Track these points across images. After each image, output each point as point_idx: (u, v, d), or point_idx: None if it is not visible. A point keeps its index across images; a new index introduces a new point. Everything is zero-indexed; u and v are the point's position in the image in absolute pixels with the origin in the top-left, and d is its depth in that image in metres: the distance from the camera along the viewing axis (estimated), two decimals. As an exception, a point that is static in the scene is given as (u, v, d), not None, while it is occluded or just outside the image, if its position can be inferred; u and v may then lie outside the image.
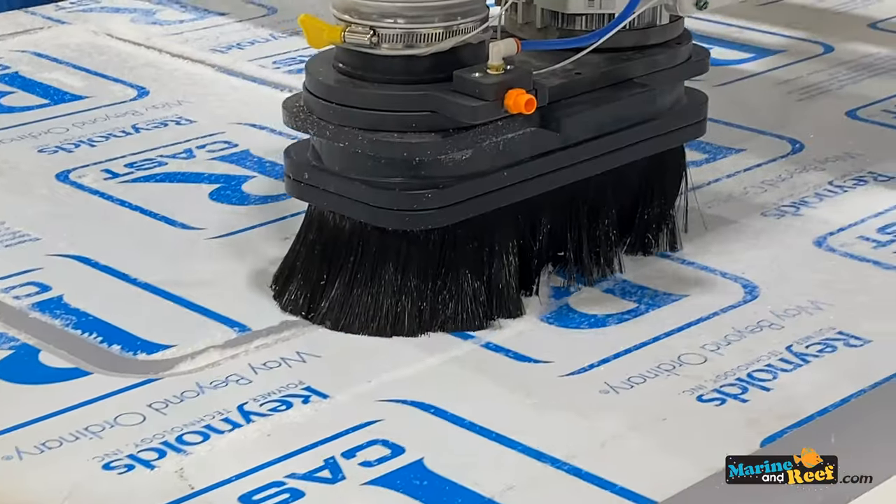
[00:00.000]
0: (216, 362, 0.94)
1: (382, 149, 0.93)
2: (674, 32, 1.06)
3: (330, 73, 0.96)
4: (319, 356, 0.95)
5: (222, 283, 1.05)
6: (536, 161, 0.98)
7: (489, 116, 0.93)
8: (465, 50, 0.95)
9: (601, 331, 0.98)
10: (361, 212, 0.95)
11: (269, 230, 1.12)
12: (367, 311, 0.96)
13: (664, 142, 1.05)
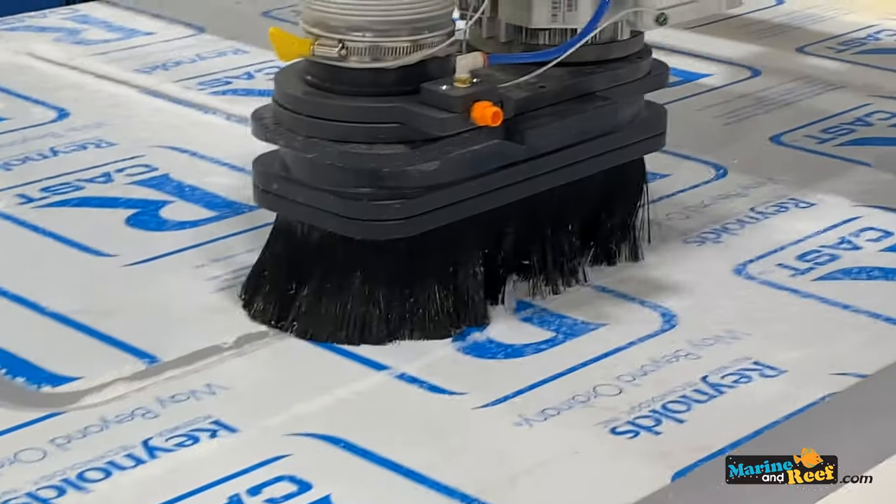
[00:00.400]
0: (123, 395, 0.92)
1: (351, 160, 0.95)
2: (635, 47, 1.08)
3: (299, 85, 0.98)
4: (229, 388, 0.93)
5: (134, 312, 1.03)
6: (502, 172, 1.00)
7: (456, 128, 0.95)
8: (432, 63, 0.97)
9: (517, 361, 0.97)
10: (330, 222, 0.97)
11: (184, 257, 1.11)
12: (334, 320, 0.98)
13: (625, 154, 1.08)
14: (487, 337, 1.00)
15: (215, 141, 1.32)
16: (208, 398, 0.92)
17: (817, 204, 1.21)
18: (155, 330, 1.00)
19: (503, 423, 0.90)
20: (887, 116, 1.41)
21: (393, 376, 0.95)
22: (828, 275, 1.09)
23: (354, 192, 0.96)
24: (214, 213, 1.19)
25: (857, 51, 1.61)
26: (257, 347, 0.99)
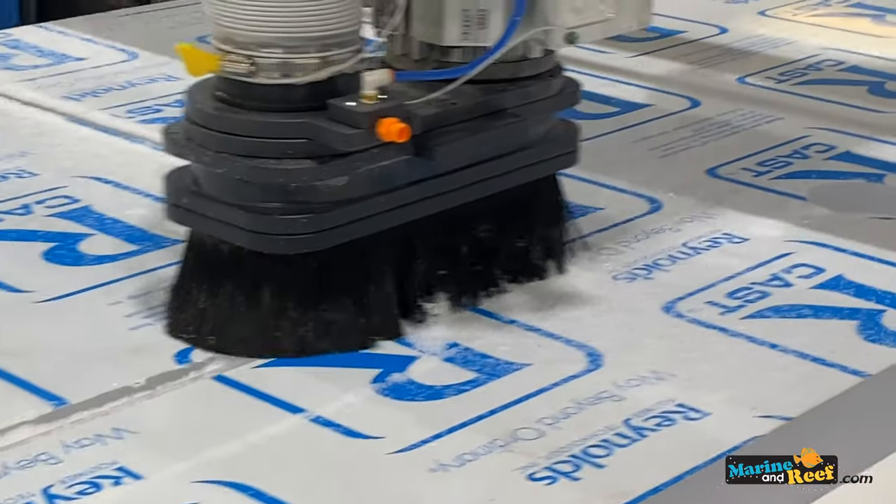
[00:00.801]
0: (26, 439, 0.89)
1: (259, 175, 0.96)
2: (546, 65, 1.09)
3: (209, 100, 0.98)
4: (138, 432, 0.91)
5: (44, 351, 1.00)
6: (412, 188, 1.01)
7: (363, 144, 0.96)
8: (340, 79, 0.97)
9: (437, 403, 0.95)
10: (239, 236, 0.98)
11: (99, 294, 1.08)
12: (246, 334, 0.99)
13: (537, 170, 1.09)
14: (408, 378, 0.98)
15: (140, 171, 1.29)
16: (115, 442, 0.89)
17: (750, 239, 1.20)
18: (65, 370, 0.97)
19: (418, 468, 0.87)
20: (824, 149, 1.40)
21: (308, 419, 0.93)
22: (757, 313, 1.07)
23: (263, 207, 0.97)
24: (135, 246, 1.16)
25: (798, 81, 1.59)
26: (170, 389, 0.96)
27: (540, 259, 1.11)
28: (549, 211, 1.12)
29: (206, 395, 0.96)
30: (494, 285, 1.08)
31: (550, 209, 1.12)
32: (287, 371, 0.99)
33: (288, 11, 0.95)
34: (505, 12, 1.02)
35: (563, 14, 1.03)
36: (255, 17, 0.95)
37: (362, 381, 0.98)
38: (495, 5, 1.03)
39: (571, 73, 1.12)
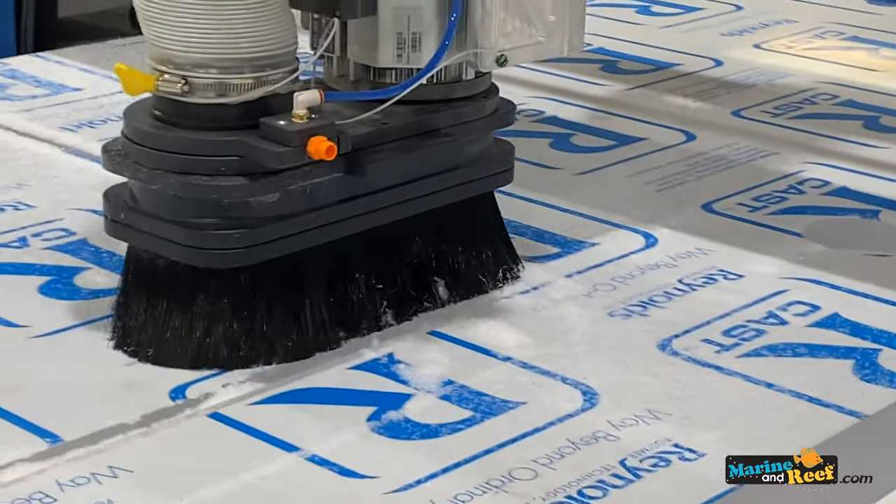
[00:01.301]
0: (22, 478, 0.89)
1: (193, 191, 0.99)
2: (480, 87, 1.13)
3: (146, 119, 1.02)
4: (132, 471, 0.90)
5: (39, 387, 1.00)
6: (343, 205, 1.04)
7: (292, 162, 0.99)
8: (274, 99, 1.00)
9: (433, 442, 0.95)
10: (174, 251, 1.01)
11: (95, 328, 1.07)
12: (181, 346, 1.01)
13: (471, 188, 1.12)
14: (404, 416, 0.98)
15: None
16: (109, 481, 0.89)
17: (746, 276, 1.20)
18: (59, 407, 0.97)
19: (413, 509, 0.87)
20: (820, 184, 1.40)
21: (303, 458, 0.92)
22: (753, 351, 1.07)
23: (197, 223, 1.00)
24: (131, 280, 1.16)
25: (794, 115, 1.60)
26: (165, 426, 0.96)
27: (476, 274, 1.14)
28: (484, 228, 1.15)
29: (200, 432, 0.96)
30: (432, 299, 1.11)
31: (485, 226, 1.15)
32: (282, 408, 0.99)
33: (222, 33, 0.98)
34: (437, 35, 1.06)
35: (493, 37, 1.07)
36: (190, 38, 0.98)
37: (357, 418, 0.98)
38: (428, 28, 1.06)
39: (570, 105, 1.13)
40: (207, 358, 1.01)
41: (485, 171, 1.13)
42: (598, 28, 1.88)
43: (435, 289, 1.11)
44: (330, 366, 1.04)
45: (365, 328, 1.07)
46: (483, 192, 1.14)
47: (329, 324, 1.04)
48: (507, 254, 1.17)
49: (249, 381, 1.01)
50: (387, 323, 1.07)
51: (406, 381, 1.02)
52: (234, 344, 1.01)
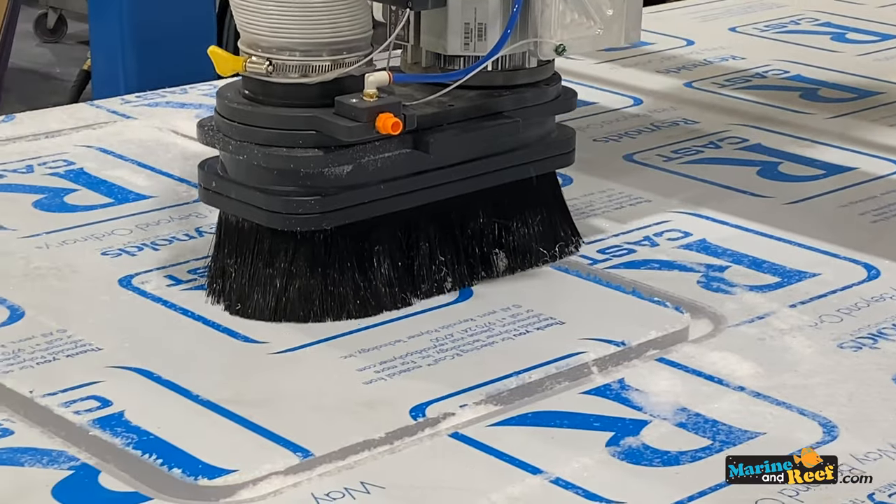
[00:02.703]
0: (278, 490, 0.92)
1: (274, 161, 1.10)
2: (543, 75, 1.22)
3: (236, 97, 1.14)
4: (384, 487, 0.93)
5: (284, 402, 1.03)
6: (410, 179, 1.15)
7: (362, 135, 1.09)
8: (348, 80, 1.11)
9: (673, 469, 0.95)
10: (257, 215, 1.12)
11: (330, 347, 1.10)
12: (264, 300, 1.12)
13: (531, 169, 1.22)
14: (642, 442, 0.99)
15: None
16: (363, 497, 0.91)
17: (975, 310, 1.18)
18: (304, 421, 1.00)
19: (664, 535, 0.88)
20: None
21: (548, 480, 0.94)
22: None
23: (278, 190, 1.11)
24: (359, 300, 1.18)
25: None
26: (408, 444, 0.98)
27: (534, 247, 1.22)
28: (544, 206, 1.23)
29: (443, 451, 0.97)
30: (490, 269, 1.20)
31: (545, 204, 1.24)
32: (520, 430, 1.00)
33: (304, 20, 1.09)
34: (501, 26, 1.16)
35: (552, 28, 1.16)
36: (275, 24, 1.09)
37: (596, 443, 0.98)
38: (492, 19, 1.16)
39: (774, 133, 1.12)
40: (286, 312, 1.12)
41: (545, 153, 1.22)
42: (794, 55, 1.88)
43: (493, 260, 1.20)
44: (561, 390, 1.06)
45: (426, 292, 1.16)
46: (543, 172, 1.23)
47: (394, 286, 1.14)
48: (566, 230, 1.26)
49: (485, 402, 1.03)
50: (447, 288, 1.17)
51: (640, 408, 1.03)
52: (308, 299, 1.11)
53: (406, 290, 1.15)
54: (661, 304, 1.19)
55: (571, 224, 1.26)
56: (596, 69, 1.81)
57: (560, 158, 1.24)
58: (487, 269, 1.20)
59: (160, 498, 0.90)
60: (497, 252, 1.20)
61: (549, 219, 1.24)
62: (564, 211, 1.26)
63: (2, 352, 1.07)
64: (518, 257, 1.22)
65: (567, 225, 1.26)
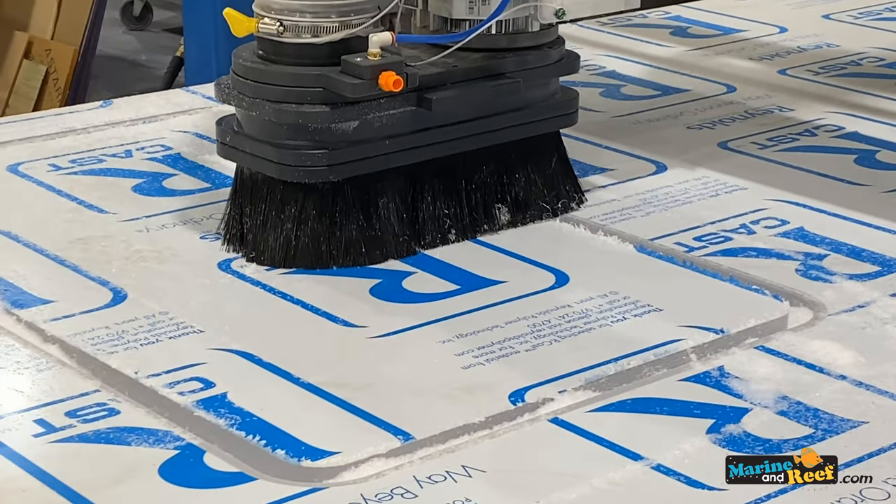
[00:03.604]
0: (380, 472, 0.93)
1: (284, 117, 1.17)
2: (546, 38, 1.29)
3: (251, 57, 1.20)
4: (485, 471, 0.93)
5: (384, 386, 1.03)
6: (414, 135, 1.21)
7: (365, 92, 1.16)
8: (354, 41, 1.18)
9: (777, 457, 0.95)
10: (269, 168, 1.19)
11: (429, 331, 1.11)
12: (274, 246, 1.19)
13: (533, 128, 1.28)
14: (743, 429, 0.98)
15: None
16: (465, 480, 0.92)
17: None
18: (405, 405, 1.01)
19: (768, 524, 0.88)
20: None
21: (649, 467, 0.94)
22: None
23: (288, 144, 1.18)
24: (454, 286, 1.19)
25: None
26: (508, 429, 0.98)
27: (536, 203, 1.29)
28: (547, 163, 1.29)
29: (544, 436, 0.98)
30: (492, 223, 1.27)
31: (549, 162, 1.30)
32: (619, 416, 1.00)
33: None
34: None
35: None
36: None
37: (696, 430, 0.98)
38: None
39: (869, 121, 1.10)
40: (296, 257, 1.19)
41: (548, 114, 1.29)
42: (890, 43, 1.85)
43: (496, 213, 1.27)
44: (660, 377, 1.06)
45: (430, 242, 1.23)
46: (545, 132, 1.29)
47: (399, 235, 1.21)
48: (569, 187, 1.31)
49: (584, 388, 1.03)
50: (451, 240, 1.24)
51: (740, 395, 1.03)
52: (317, 245, 1.18)
53: (411, 239, 1.22)
54: (760, 291, 1.18)
55: (575, 182, 1.33)
56: (688, 56, 1.80)
57: (562, 119, 1.30)
58: (490, 223, 1.27)
59: (265, 478, 0.91)
60: (499, 206, 1.27)
61: (552, 176, 1.30)
62: (568, 169, 1.32)
63: (106, 333, 1.09)
64: (520, 212, 1.28)
65: (570, 182, 1.32)
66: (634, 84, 1.69)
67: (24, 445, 0.94)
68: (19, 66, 3.44)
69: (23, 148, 1.47)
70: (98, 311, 1.13)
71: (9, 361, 1.05)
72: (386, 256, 1.20)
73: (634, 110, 1.60)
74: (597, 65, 1.75)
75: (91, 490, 0.90)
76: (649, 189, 1.38)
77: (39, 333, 1.09)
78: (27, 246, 1.24)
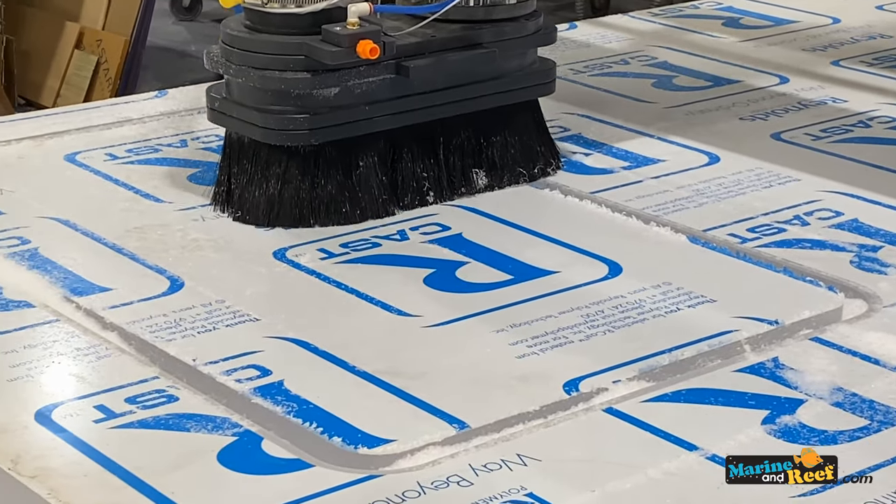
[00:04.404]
0: (436, 460, 0.93)
1: (268, 83, 1.25)
2: (523, 10, 1.34)
3: (238, 28, 1.27)
4: (541, 460, 0.93)
5: (439, 374, 1.04)
6: (393, 102, 1.28)
7: (343, 59, 1.22)
8: (336, 11, 1.24)
9: (830, 449, 0.95)
10: (254, 131, 1.26)
11: (482, 321, 1.11)
12: (258, 206, 1.26)
13: (511, 96, 1.34)
14: (799, 420, 0.98)
15: (501, 202, 1.34)
16: (520, 469, 0.92)
17: None
18: (460, 394, 1.01)
19: (825, 514, 0.88)
20: None
21: (704, 457, 0.94)
22: None
23: (272, 109, 1.25)
24: (508, 276, 1.19)
25: None
26: (562, 418, 0.99)
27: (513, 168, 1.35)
28: (524, 131, 1.35)
29: (598, 426, 0.98)
30: (470, 186, 1.33)
31: (526, 129, 1.36)
32: (674, 407, 1.00)
33: None
34: None
35: None
36: None
37: (751, 420, 0.98)
38: None
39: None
40: (279, 216, 1.25)
41: (525, 83, 1.34)
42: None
43: (474, 177, 1.33)
44: (714, 368, 1.06)
45: (408, 203, 1.29)
46: (521, 100, 1.34)
47: (379, 197, 1.27)
48: (546, 154, 1.37)
49: (638, 378, 1.04)
50: (429, 202, 1.30)
51: (795, 387, 1.02)
52: (299, 205, 1.25)
53: (390, 200, 1.29)
54: (814, 283, 1.18)
55: (552, 148, 1.39)
56: (740, 47, 1.79)
57: (539, 88, 1.36)
58: (468, 186, 1.33)
59: (322, 465, 0.92)
60: (477, 171, 1.33)
61: (529, 143, 1.36)
62: (545, 136, 1.38)
63: (164, 321, 1.10)
64: (497, 176, 1.34)
65: (547, 149, 1.38)
66: (686, 75, 1.69)
67: (85, 431, 0.96)
68: (70, 56, 3.47)
69: (80, 137, 1.48)
70: (156, 299, 1.14)
71: (69, 348, 1.06)
72: (365, 216, 1.27)
73: (687, 101, 1.60)
74: (649, 56, 1.75)
75: (151, 475, 0.91)
76: (702, 180, 1.38)
77: (98, 321, 1.10)
78: (85, 234, 1.26)
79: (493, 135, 1.34)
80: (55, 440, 0.94)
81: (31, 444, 0.94)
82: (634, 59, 1.75)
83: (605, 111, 1.56)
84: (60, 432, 0.95)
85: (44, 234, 1.26)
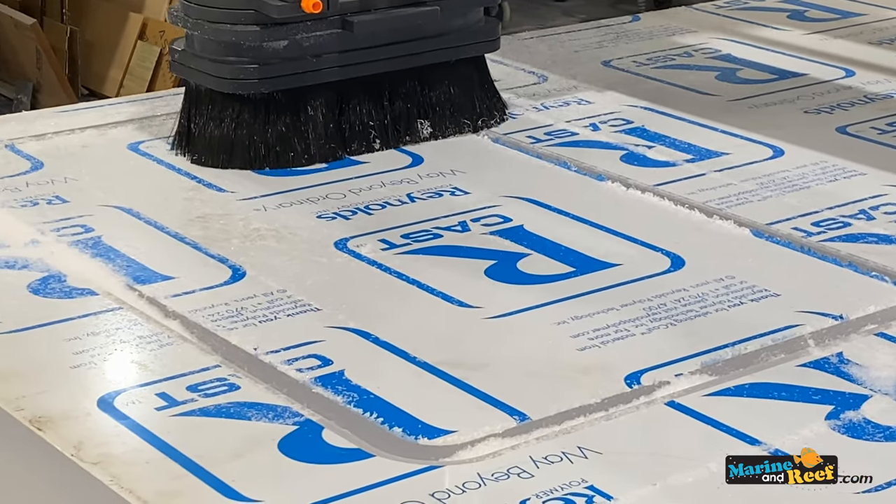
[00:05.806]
0: (497, 452, 0.93)
1: (221, 35, 1.36)
2: None
3: None
4: (601, 453, 0.93)
5: (500, 366, 1.04)
6: (339, 55, 1.39)
7: (289, 14, 1.34)
8: None
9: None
10: (209, 81, 1.38)
11: (544, 313, 1.11)
12: (214, 149, 1.37)
13: (455, 52, 1.45)
14: (863, 416, 0.97)
15: (563, 194, 1.33)
16: (581, 461, 0.92)
17: None
18: (521, 386, 1.01)
19: (889, 511, 0.87)
20: None
21: (767, 451, 0.93)
22: None
23: (225, 60, 1.36)
24: (570, 268, 1.19)
25: None
26: (624, 411, 0.98)
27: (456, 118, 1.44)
28: (468, 84, 1.45)
29: (660, 419, 0.97)
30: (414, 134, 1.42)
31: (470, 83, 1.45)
32: (736, 401, 0.99)
33: None
34: None
35: None
36: None
37: (815, 415, 0.97)
38: None
39: None
40: (232, 159, 1.36)
41: (468, 40, 1.45)
42: None
43: (418, 127, 1.42)
44: (778, 362, 1.05)
45: (355, 149, 1.39)
46: (464, 56, 1.44)
47: (327, 143, 1.37)
48: (490, 106, 1.47)
49: (700, 372, 1.03)
50: (376, 148, 1.40)
51: (860, 382, 1.01)
52: (252, 149, 1.36)
53: (337, 146, 1.38)
54: (879, 278, 1.16)
55: (498, 102, 1.48)
56: (806, 40, 1.77)
57: (483, 45, 1.46)
58: (413, 135, 1.42)
59: (382, 455, 0.92)
60: (422, 122, 1.42)
61: (471, 96, 1.45)
62: (490, 90, 1.48)
63: (226, 309, 1.11)
64: (441, 126, 1.43)
65: (491, 101, 1.47)
66: (750, 68, 1.67)
67: (147, 418, 0.96)
68: (134, 47, 3.49)
69: (143, 127, 1.49)
70: (217, 288, 1.14)
71: (132, 336, 1.07)
72: (313, 160, 1.37)
73: (751, 94, 1.58)
74: (712, 48, 1.74)
75: (212, 463, 0.91)
76: (766, 173, 1.37)
77: (161, 309, 1.11)
78: (148, 223, 1.27)
79: (438, 87, 1.43)
80: (117, 427, 0.95)
81: (93, 431, 0.95)
82: (698, 51, 1.73)
83: (668, 104, 1.55)
84: (123, 419, 0.96)
85: (107, 223, 1.27)
